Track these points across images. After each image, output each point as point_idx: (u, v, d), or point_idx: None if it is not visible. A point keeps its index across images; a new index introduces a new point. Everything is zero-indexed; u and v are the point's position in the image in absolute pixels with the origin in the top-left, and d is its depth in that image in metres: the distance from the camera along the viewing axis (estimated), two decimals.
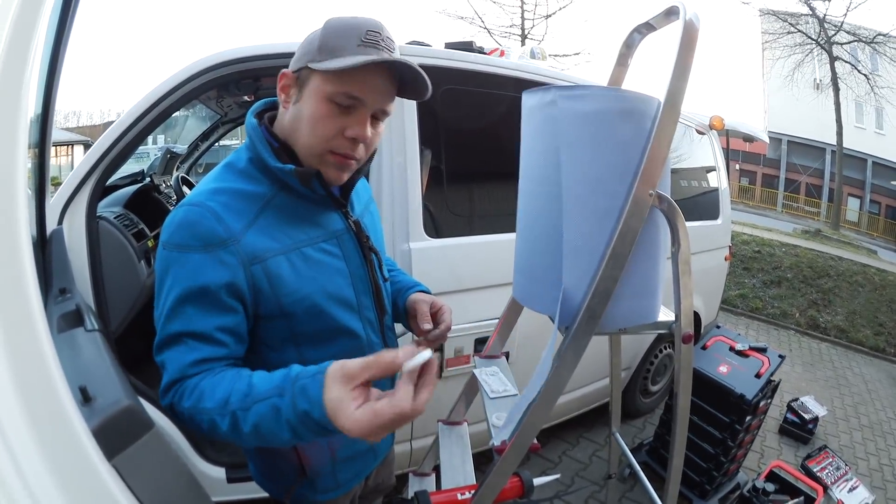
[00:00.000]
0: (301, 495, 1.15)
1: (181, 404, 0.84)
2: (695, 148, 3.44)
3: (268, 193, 0.94)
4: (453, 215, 2.19)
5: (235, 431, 0.79)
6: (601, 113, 0.94)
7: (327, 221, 1.00)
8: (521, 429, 0.99)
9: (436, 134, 2.10)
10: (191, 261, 0.86)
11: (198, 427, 0.83)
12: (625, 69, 1.30)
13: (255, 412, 0.77)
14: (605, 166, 0.94)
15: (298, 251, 0.94)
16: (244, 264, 0.88)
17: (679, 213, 0.97)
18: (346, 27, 0.88)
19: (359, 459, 1.19)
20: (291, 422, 0.75)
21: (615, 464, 2.01)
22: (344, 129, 0.90)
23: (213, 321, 0.87)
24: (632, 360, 3.22)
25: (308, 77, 0.90)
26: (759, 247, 9.45)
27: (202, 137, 4.13)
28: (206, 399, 0.81)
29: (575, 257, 0.97)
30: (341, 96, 0.88)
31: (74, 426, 0.55)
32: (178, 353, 0.86)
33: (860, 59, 18.71)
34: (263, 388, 0.78)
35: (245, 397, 0.78)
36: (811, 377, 5.08)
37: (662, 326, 1.14)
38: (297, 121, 0.93)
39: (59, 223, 1.72)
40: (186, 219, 0.87)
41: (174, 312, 0.87)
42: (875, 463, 3.62)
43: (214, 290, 0.86)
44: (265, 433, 0.78)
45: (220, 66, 1.77)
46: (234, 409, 0.79)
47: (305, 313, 0.95)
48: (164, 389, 0.87)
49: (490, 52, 2.47)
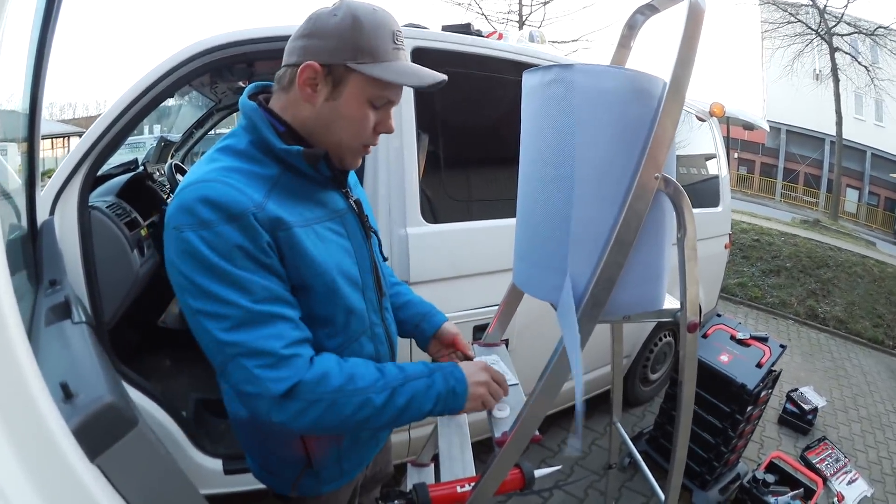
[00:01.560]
0: (306, 487, 1.14)
1: (328, 382, 0.86)
2: (695, 135, 3.42)
3: (273, 174, 0.92)
4: (451, 200, 2.15)
5: (389, 405, 0.91)
6: (615, 91, 0.91)
7: (331, 201, 1.01)
8: (523, 420, 0.97)
9: (433, 118, 2.06)
10: (222, 232, 0.81)
11: (338, 409, 0.87)
12: (627, 51, 1.27)
13: (410, 387, 0.93)
14: (617, 148, 0.91)
15: (310, 227, 0.93)
16: (270, 230, 0.86)
17: (685, 198, 0.95)
18: (378, 26, 0.88)
19: (363, 446, 1.19)
20: (441, 394, 0.95)
21: (615, 453, 1.99)
22: (376, 126, 0.96)
23: (279, 284, 0.87)
24: (631, 349, 3.21)
25: (347, 76, 0.90)
26: (758, 235, 9.44)
27: (196, 125, 4.10)
28: (358, 379, 0.89)
29: (580, 243, 0.94)
30: (381, 99, 0.93)
31: (51, 426, 0.53)
32: (281, 328, 0.85)
33: (860, 51, 18.64)
34: (414, 370, 0.96)
35: (400, 376, 0.94)
36: (810, 367, 5.08)
37: (667, 314, 1.11)
38: (331, 119, 0.93)
39: (51, 214, 1.68)
40: (204, 195, 0.82)
41: (232, 284, 0.82)
42: (874, 455, 3.61)
43: (257, 253, 0.84)
44: (413, 405, 0.93)
45: (213, 51, 1.73)
46: (394, 386, 0.92)
47: (322, 288, 0.94)
48: (274, 379, 0.83)
49: (488, 36, 2.43)
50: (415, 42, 1.94)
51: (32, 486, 0.49)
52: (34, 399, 0.51)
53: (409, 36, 1.93)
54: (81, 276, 1.72)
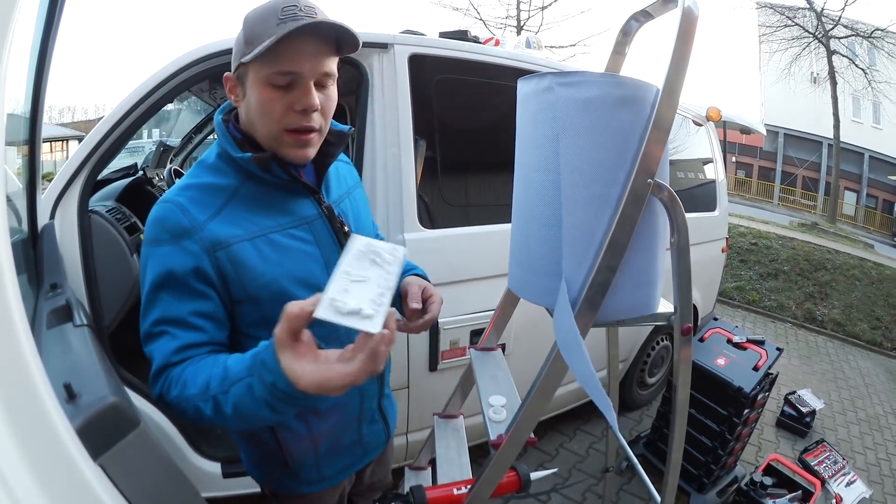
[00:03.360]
0: (284, 485, 1.17)
1: (169, 394, 0.88)
2: (692, 139, 3.43)
3: (234, 184, 0.97)
4: (448, 206, 2.17)
5: (220, 415, 0.81)
6: (599, 99, 0.92)
7: (298, 208, 1.02)
8: (518, 423, 0.98)
9: (430, 124, 2.07)
10: (161, 252, 0.91)
11: (185, 415, 0.86)
12: (622, 57, 1.28)
13: (233, 394, 0.79)
14: (604, 154, 0.92)
15: (265, 237, 0.96)
16: (208, 251, 0.91)
17: (678, 203, 0.96)
18: (263, 13, 0.91)
19: (345, 454, 1.19)
20: (266, 398, 0.75)
21: (612, 457, 2.00)
22: (292, 105, 0.92)
23: (187, 306, 0.91)
24: (629, 352, 3.21)
25: (245, 72, 0.93)
26: (755, 239, 9.46)
27: (195, 130, 4.11)
28: (189, 386, 0.84)
29: (573, 247, 0.95)
30: (276, 76, 0.90)
31: (56, 425, 0.54)
32: (162, 343, 0.90)
33: (857, 54, 18.69)
34: (237, 370, 0.80)
35: (223, 381, 0.80)
36: (808, 370, 5.09)
37: (661, 318, 1.12)
38: (249, 115, 0.96)
39: (52, 218, 1.69)
40: (157, 216, 0.93)
41: (151, 302, 0.92)
42: (872, 457, 3.62)
43: (183, 276, 0.90)
44: (247, 413, 0.78)
45: (210, 58, 1.74)
46: (214, 394, 0.81)
47: (272, 298, 0.96)
48: (152, 379, 0.91)
49: (485, 42, 2.45)
50: (411, 49, 1.96)
51: (37, 483, 0.50)
52: (40, 399, 0.52)
53: (405, 42, 1.96)
54: (81, 280, 1.73)
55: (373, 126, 1.93)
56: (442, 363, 2.08)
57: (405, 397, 2.11)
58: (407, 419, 2.17)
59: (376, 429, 1.24)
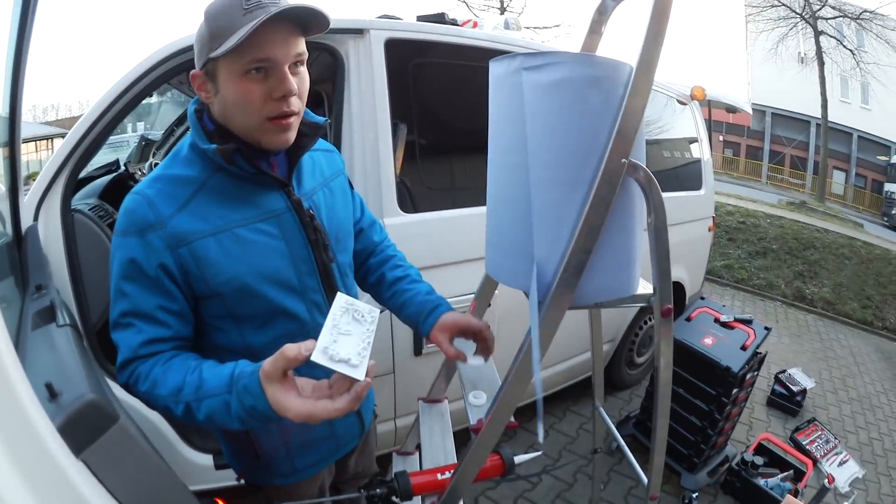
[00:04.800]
0: (257, 477, 1.19)
1: (137, 387, 0.92)
2: (676, 119, 3.43)
3: (202, 176, 0.97)
4: (429, 189, 2.17)
5: (189, 417, 0.87)
6: (568, 81, 0.90)
7: (265, 201, 1.01)
8: (497, 407, 0.98)
9: (408, 109, 2.07)
10: (128, 244, 0.92)
11: (154, 408, 0.92)
12: (598, 37, 1.27)
13: (207, 405, 0.85)
14: (575, 135, 0.91)
15: (229, 232, 0.96)
16: (171, 247, 0.92)
17: (654, 183, 0.95)
18: (224, 5, 0.89)
19: (318, 447, 1.20)
20: (241, 416, 0.83)
21: (601, 438, 2.02)
22: (270, 94, 0.91)
23: (152, 301, 0.93)
24: (616, 333, 3.24)
25: (215, 67, 0.92)
26: (743, 217, 9.52)
27: (177, 122, 4.06)
28: (160, 387, 0.88)
29: (545, 230, 0.95)
30: (250, 66, 0.89)
31: (37, 424, 0.55)
32: (128, 335, 0.92)
33: (845, 35, 18.68)
34: (213, 385, 0.85)
35: (197, 390, 0.85)
36: (798, 349, 5.14)
37: (641, 299, 1.11)
38: (225, 109, 0.95)
39: (35, 219, 1.69)
40: (126, 207, 0.94)
41: (118, 293, 0.93)
42: (864, 437, 3.65)
43: (148, 270, 0.92)
44: (218, 422, 0.85)
45: (187, 51, 1.72)
46: (187, 401, 0.86)
47: (236, 293, 0.97)
48: (119, 368, 0.94)
49: (463, 24, 2.43)
50: (387, 33, 1.95)
51: (22, 480, 0.51)
52: (20, 400, 0.53)
53: (381, 27, 1.94)
54: (67, 280, 1.73)
55: (350, 112, 1.93)
56: (427, 347, 2.09)
57: (391, 383, 2.12)
58: (394, 404, 2.18)
59: (349, 422, 1.25)
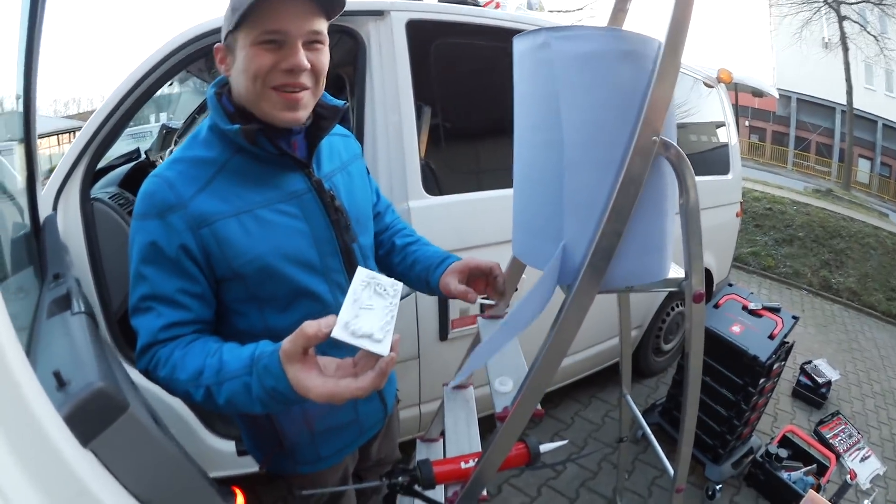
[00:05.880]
0: (280, 465, 1.18)
1: (157, 372, 0.90)
2: (703, 102, 3.35)
3: (222, 157, 0.96)
4: (454, 172, 2.14)
5: (210, 402, 0.85)
6: (599, 54, 0.87)
7: (286, 182, 1.00)
8: (524, 394, 0.95)
9: (431, 90, 2.04)
10: (148, 227, 0.91)
11: (174, 393, 0.91)
12: (623, 14, 1.22)
13: (227, 388, 0.83)
14: (606, 111, 0.88)
15: (251, 213, 0.95)
16: (192, 228, 0.91)
17: (686, 162, 0.91)
18: None
19: (342, 433, 1.18)
20: (262, 398, 0.80)
21: (627, 426, 1.98)
22: (278, 64, 0.90)
23: (174, 284, 0.92)
24: (643, 319, 3.18)
25: (234, 40, 0.92)
26: (770, 204, 9.36)
27: (198, 111, 4.07)
28: (179, 370, 0.87)
29: (575, 211, 0.91)
30: (262, 36, 0.88)
31: (41, 414, 0.53)
32: (148, 319, 0.91)
33: (869, 20, 18.13)
34: (234, 367, 0.83)
35: (217, 373, 0.84)
36: (824, 339, 5.03)
37: (672, 284, 1.08)
38: (238, 79, 0.94)
39: (54, 209, 1.69)
40: (146, 190, 0.93)
41: (138, 277, 0.92)
42: (887, 433, 3.57)
43: (169, 252, 0.91)
44: (239, 405, 0.83)
45: (203, 37, 1.70)
46: (208, 384, 0.84)
47: (259, 274, 0.96)
48: (138, 354, 0.92)
49: (485, 4, 2.40)
50: (408, 14, 1.92)
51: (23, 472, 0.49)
52: (21, 390, 0.51)
53: (402, 9, 1.92)
54: (88, 268, 1.73)
55: (372, 95, 1.90)
56: (452, 332, 2.06)
57: (416, 368, 2.10)
58: (419, 390, 2.16)
59: (373, 407, 1.24)
